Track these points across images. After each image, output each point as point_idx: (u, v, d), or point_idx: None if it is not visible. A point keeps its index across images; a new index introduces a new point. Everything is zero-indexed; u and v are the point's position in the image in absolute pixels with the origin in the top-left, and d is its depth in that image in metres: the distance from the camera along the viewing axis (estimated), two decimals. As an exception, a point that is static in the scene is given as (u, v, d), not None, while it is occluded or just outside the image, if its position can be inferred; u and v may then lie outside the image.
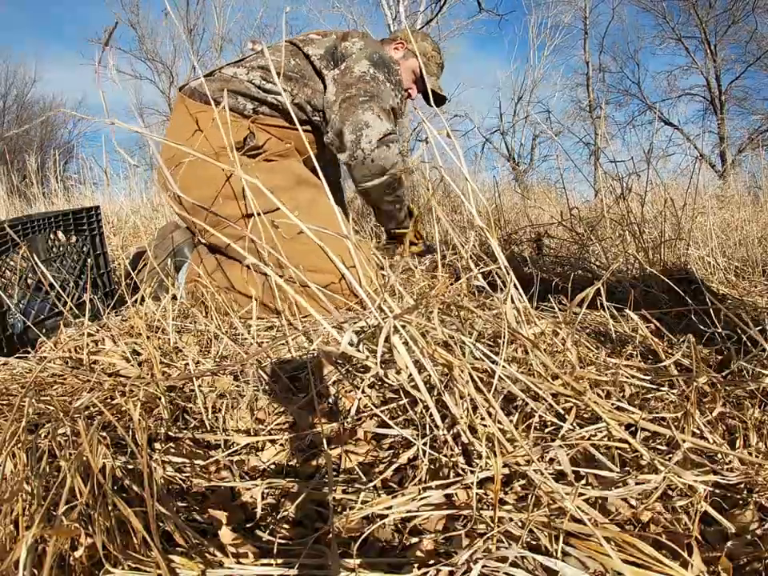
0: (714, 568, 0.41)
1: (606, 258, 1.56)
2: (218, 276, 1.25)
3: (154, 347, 0.80)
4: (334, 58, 1.35)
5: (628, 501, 0.48)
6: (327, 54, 1.36)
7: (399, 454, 0.58)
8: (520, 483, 0.51)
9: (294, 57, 1.35)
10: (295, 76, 1.33)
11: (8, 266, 0.98)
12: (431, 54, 1.45)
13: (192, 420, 0.69)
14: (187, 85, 1.35)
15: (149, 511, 0.40)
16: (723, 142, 10.44)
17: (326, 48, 1.36)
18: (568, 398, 0.59)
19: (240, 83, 1.29)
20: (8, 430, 0.48)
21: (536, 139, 11.63)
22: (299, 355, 0.86)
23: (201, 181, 1.21)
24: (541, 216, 2.64)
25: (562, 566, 0.39)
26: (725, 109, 10.89)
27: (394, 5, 7.93)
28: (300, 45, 1.36)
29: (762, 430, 0.58)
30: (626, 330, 0.91)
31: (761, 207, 2.30)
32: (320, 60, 1.34)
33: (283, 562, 0.42)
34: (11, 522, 0.41)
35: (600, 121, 9.67)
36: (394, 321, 0.51)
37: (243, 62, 1.36)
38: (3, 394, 0.72)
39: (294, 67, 1.33)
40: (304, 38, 1.39)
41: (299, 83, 1.33)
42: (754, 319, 0.73)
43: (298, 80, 1.33)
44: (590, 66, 11.64)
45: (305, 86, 1.33)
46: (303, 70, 1.34)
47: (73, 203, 3.78)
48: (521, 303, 0.67)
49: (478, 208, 0.72)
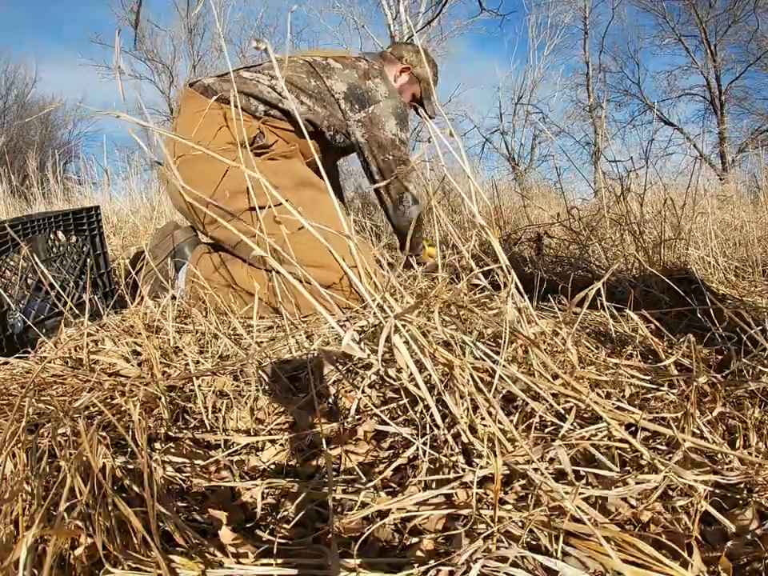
0: (714, 568, 0.41)
1: (605, 258, 1.56)
2: (220, 274, 1.26)
3: (154, 347, 0.80)
4: (358, 99, 1.42)
5: (628, 501, 0.48)
6: (351, 95, 1.41)
7: (399, 454, 0.58)
8: (520, 483, 0.51)
9: (315, 79, 1.38)
10: (315, 96, 1.37)
11: (8, 266, 0.98)
12: (432, 79, 1.52)
13: (192, 420, 0.69)
14: (199, 81, 1.35)
15: (149, 511, 0.40)
16: (723, 142, 10.44)
17: (349, 86, 1.41)
18: (568, 398, 0.59)
19: (254, 86, 1.31)
20: (8, 430, 0.48)
21: (536, 139, 11.64)
22: (299, 355, 0.86)
23: (207, 176, 1.22)
24: (541, 216, 2.64)
25: (562, 565, 0.39)
26: (725, 109, 10.89)
27: (395, 5, 7.93)
28: (320, 71, 1.40)
29: (762, 430, 0.58)
30: (626, 329, 0.91)
31: (761, 207, 2.30)
32: (345, 101, 1.41)
33: (283, 562, 0.42)
34: (11, 522, 0.41)
35: (600, 121, 9.67)
36: (394, 320, 0.51)
37: (261, 68, 1.38)
38: (3, 394, 0.72)
39: (314, 89, 1.37)
40: (323, 64, 1.41)
41: (318, 102, 1.37)
42: (753, 319, 0.73)
43: (317, 99, 1.37)
44: (590, 65, 11.65)
45: (323, 108, 1.38)
46: (323, 93, 1.38)
47: (73, 203, 3.78)
48: (521, 303, 0.67)
49: (479, 208, 0.72)
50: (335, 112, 1.41)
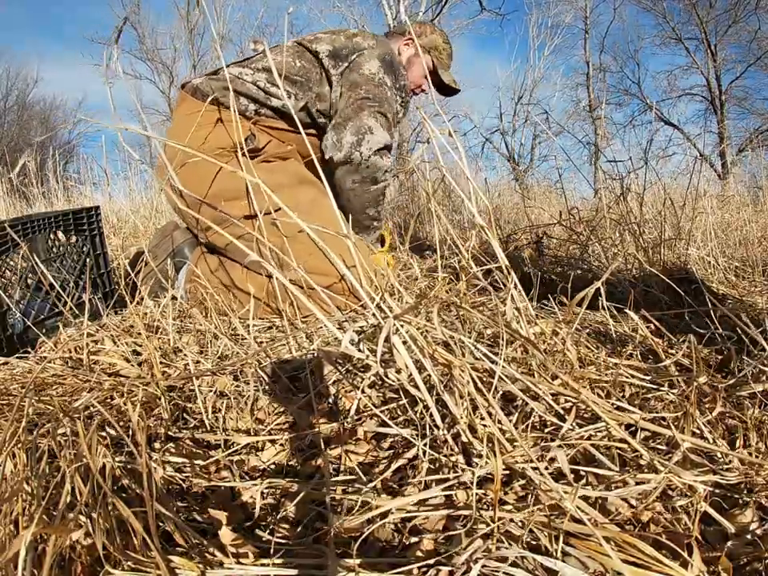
0: (714, 568, 0.41)
1: (605, 258, 1.56)
2: (218, 276, 1.25)
3: (154, 347, 0.80)
4: (342, 55, 1.32)
5: (628, 501, 0.48)
6: (336, 51, 1.32)
7: (399, 454, 0.58)
8: (520, 483, 0.51)
9: (300, 58, 1.32)
10: (300, 80, 1.31)
11: (8, 266, 0.98)
12: (442, 47, 1.39)
13: (192, 420, 0.69)
14: (190, 83, 1.33)
15: (149, 511, 0.40)
16: (723, 142, 10.43)
17: (335, 45, 1.33)
18: (568, 398, 0.59)
19: (243, 84, 1.28)
20: (8, 430, 0.48)
21: (536, 139, 11.64)
22: (299, 355, 0.86)
23: (202, 179, 1.21)
24: (541, 216, 2.64)
25: (562, 566, 0.39)
26: (725, 109, 10.89)
27: (395, 5, 7.93)
28: (307, 44, 1.34)
29: (762, 430, 0.58)
30: (626, 330, 0.91)
31: (761, 207, 2.30)
32: (328, 57, 1.32)
33: (283, 562, 0.42)
34: (11, 522, 0.41)
35: (600, 121, 9.67)
36: (393, 321, 0.51)
37: (248, 62, 1.34)
38: (3, 394, 0.72)
39: (299, 70, 1.31)
40: (312, 38, 1.36)
41: (304, 87, 1.31)
42: (753, 319, 0.73)
43: (303, 84, 1.31)
44: (591, 65, 11.65)
45: (309, 90, 1.31)
46: (309, 73, 1.32)
47: (73, 203, 3.78)
48: (521, 303, 0.67)
49: (479, 208, 0.72)
50: (322, 88, 1.32)
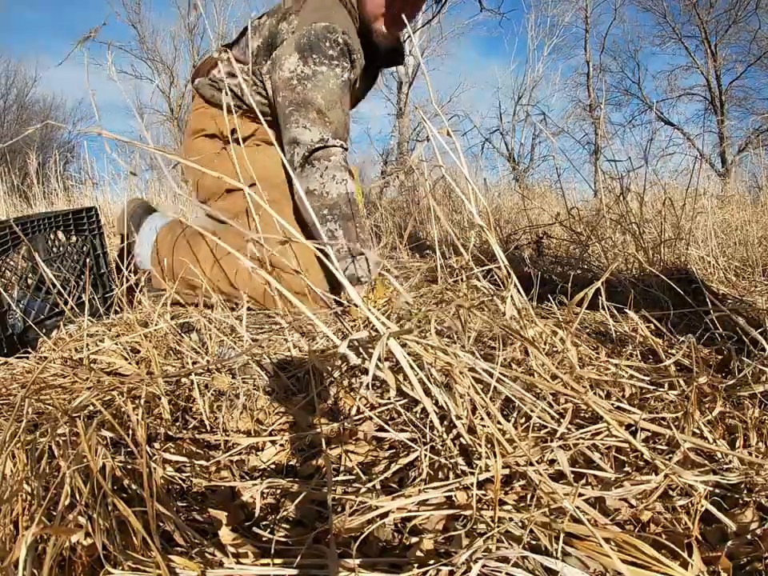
0: (714, 568, 0.41)
1: (605, 258, 1.56)
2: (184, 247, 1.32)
3: (153, 346, 0.80)
4: (268, 49, 1.20)
5: (628, 501, 0.48)
6: (264, 43, 1.20)
7: (399, 454, 0.58)
8: (520, 483, 0.51)
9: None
10: (253, 78, 1.27)
11: (8, 266, 0.98)
12: None
13: (192, 420, 0.69)
14: (195, 81, 1.43)
15: (149, 511, 0.40)
16: (723, 142, 10.43)
17: (264, 38, 1.20)
18: (568, 398, 0.59)
19: (226, 86, 1.33)
20: (8, 430, 0.48)
21: (536, 139, 11.64)
22: (299, 355, 0.86)
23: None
24: (541, 216, 2.64)
25: (562, 566, 0.39)
26: (725, 108, 10.89)
27: (394, 5, 7.91)
28: (252, 36, 1.22)
29: (762, 430, 0.58)
30: (626, 330, 0.91)
31: (761, 207, 2.30)
32: (260, 55, 1.21)
33: (283, 562, 0.42)
34: (11, 522, 0.41)
35: (600, 121, 9.66)
36: (389, 335, 0.51)
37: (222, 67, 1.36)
38: (3, 394, 0.72)
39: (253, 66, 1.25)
40: (255, 24, 1.24)
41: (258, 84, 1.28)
42: (753, 319, 0.73)
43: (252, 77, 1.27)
44: (591, 65, 11.65)
45: (254, 84, 1.28)
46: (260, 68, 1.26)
47: (73, 203, 3.78)
48: (521, 303, 0.67)
49: (479, 208, 0.72)
50: (258, 78, 1.26)
